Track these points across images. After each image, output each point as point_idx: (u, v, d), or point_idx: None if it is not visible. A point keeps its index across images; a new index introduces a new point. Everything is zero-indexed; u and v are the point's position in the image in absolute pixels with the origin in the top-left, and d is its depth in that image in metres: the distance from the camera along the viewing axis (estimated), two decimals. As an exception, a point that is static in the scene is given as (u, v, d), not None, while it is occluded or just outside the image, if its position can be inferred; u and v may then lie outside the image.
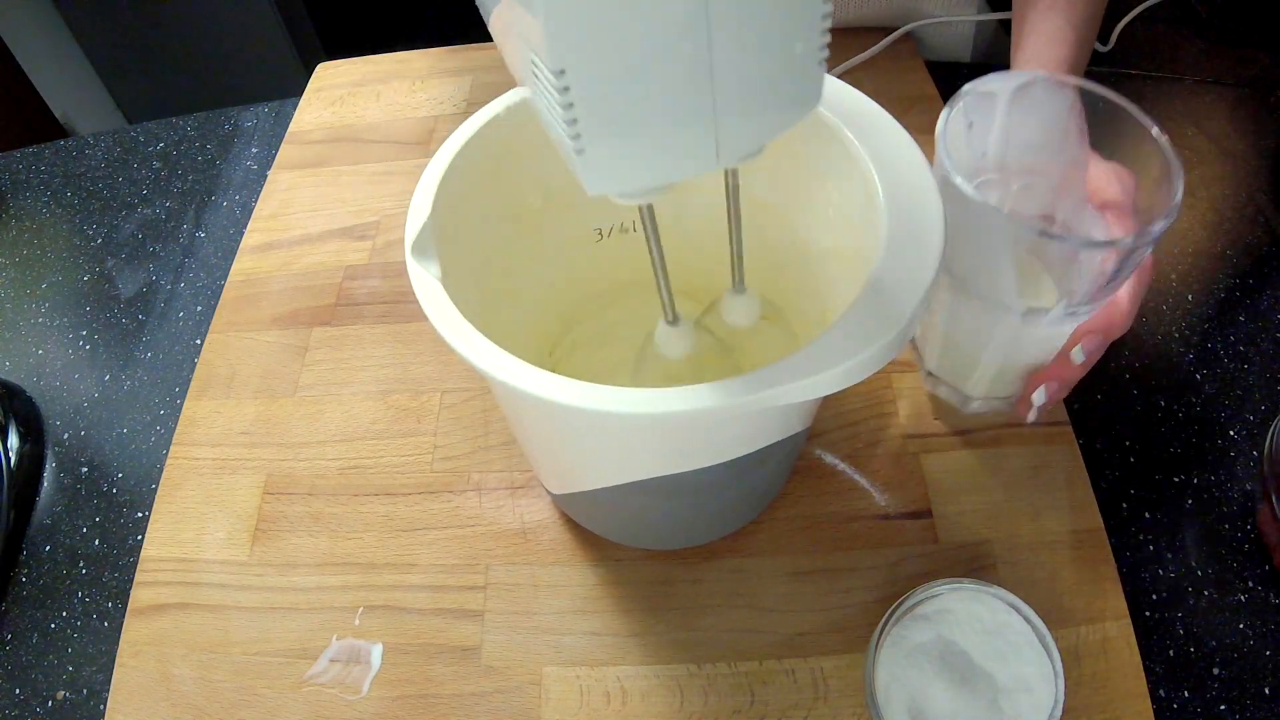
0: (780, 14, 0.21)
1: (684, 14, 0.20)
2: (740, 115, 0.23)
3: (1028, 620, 0.35)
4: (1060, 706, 0.33)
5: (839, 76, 0.63)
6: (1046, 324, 0.35)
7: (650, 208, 0.28)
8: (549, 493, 0.44)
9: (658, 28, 0.20)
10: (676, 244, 0.33)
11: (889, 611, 0.36)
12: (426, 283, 0.30)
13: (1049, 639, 0.34)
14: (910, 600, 0.36)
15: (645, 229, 0.29)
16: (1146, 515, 0.43)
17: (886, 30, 0.67)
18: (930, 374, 0.44)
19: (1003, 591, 0.35)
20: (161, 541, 0.45)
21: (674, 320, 0.33)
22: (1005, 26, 0.75)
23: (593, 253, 0.43)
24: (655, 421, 0.26)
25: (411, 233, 0.32)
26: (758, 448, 0.34)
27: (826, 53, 0.23)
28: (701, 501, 0.39)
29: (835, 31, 0.67)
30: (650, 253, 0.30)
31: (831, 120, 0.33)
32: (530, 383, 0.27)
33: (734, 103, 0.22)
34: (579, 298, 0.47)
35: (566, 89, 0.20)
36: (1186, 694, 0.38)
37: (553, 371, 0.28)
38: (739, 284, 0.34)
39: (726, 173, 0.29)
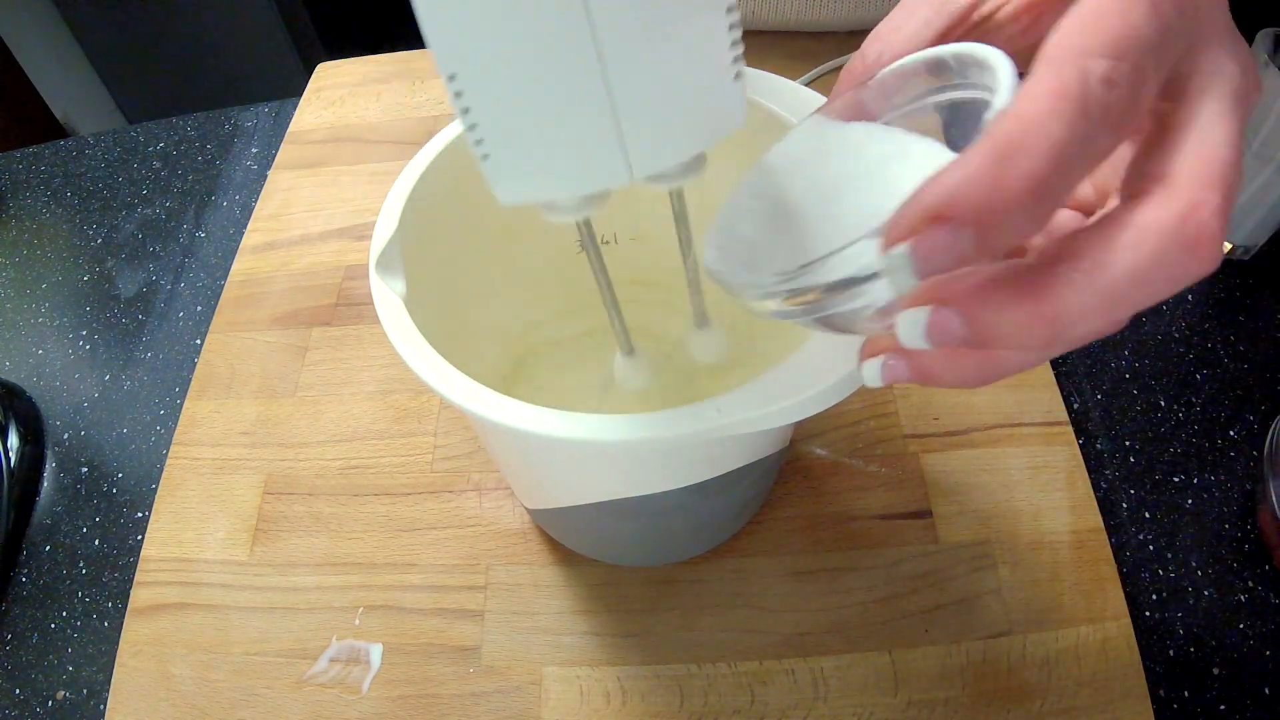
0: (675, 26, 0.20)
1: (563, 26, 0.19)
2: (647, 129, 0.22)
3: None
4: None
5: (816, 81, 0.63)
6: None
7: (589, 224, 0.26)
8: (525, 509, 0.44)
9: (541, 38, 0.20)
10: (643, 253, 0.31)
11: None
12: (388, 299, 0.29)
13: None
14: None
15: (586, 249, 0.27)
16: (1146, 515, 0.43)
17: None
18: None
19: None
20: (161, 541, 0.45)
21: (629, 351, 0.31)
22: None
23: (575, 264, 0.41)
24: (610, 449, 0.25)
25: (377, 247, 0.31)
26: (725, 471, 0.33)
27: (739, 67, 0.22)
28: (672, 523, 0.38)
29: (834, 35, 0.67)
30: (595, 277, 0.28)
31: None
32: (483, 404, 0.26)
33: (638, 115, 0.21)
34: (555, 309, 0.45)
35: (459, 94, 0.20)
36: (1186, 694, 0.38)
37: (525, 384, 0.27)
38: (700, 318, 0.31)
39: (671, 194, 0.27)
